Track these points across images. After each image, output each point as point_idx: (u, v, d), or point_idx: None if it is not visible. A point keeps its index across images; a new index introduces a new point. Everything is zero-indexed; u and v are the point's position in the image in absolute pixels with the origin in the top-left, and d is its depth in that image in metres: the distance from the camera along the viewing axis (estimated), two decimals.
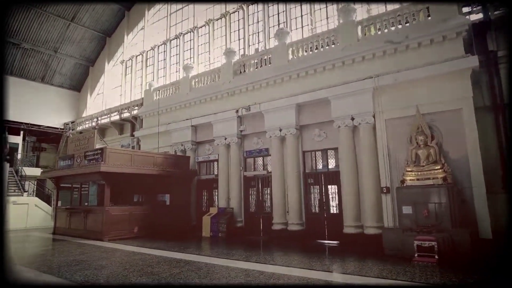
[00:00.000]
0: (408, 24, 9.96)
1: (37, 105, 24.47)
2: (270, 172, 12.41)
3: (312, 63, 11.36)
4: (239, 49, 16.74)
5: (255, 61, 13.64)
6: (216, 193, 14.16)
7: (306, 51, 12.09)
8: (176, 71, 20.21)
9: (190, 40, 19.73)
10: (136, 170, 12.37)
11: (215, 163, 14.58)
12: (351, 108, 10.33)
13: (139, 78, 22.86)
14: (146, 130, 17.08)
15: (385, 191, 9.54)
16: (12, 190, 18.32)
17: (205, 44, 18.91)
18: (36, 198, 19.08)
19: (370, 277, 6.04)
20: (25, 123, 22.99)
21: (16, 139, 21.93)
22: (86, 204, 13.01)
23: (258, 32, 16.43)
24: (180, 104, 15.56)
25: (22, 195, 18.65)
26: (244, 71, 13.84)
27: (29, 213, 17.94)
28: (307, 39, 12.26)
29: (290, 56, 12.31)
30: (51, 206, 18.93)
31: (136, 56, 23.32)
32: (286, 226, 11.37)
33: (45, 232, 15.01)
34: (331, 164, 11.42)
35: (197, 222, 13.79)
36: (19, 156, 21.94)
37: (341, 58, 10.77)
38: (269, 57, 13.08)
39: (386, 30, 10.31)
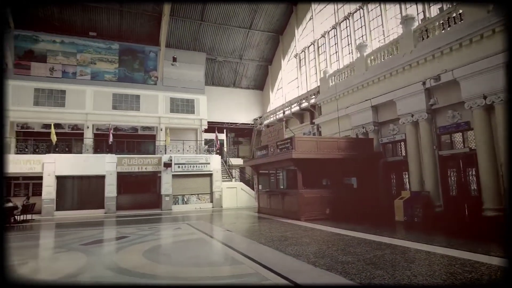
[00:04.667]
0: None
1: (232, 106, 29.52)
2: (474, 149, 10.61)
3: None
4: (418, 14, 14.92)
5: (440, 22, 11.87)
6: (406, 176, 13.30)
7: None
8: (349, 53, 19.94)
9: (360, 18, 19.02)
10: (323, 155, 13.05)
11: (402, 143, 13.64)
12: None
13: (313, 68, 23.86)
14: (324, 116, 17.70)
15: None
16: (224, 177, 22.77)
17: (377, 18, 17.82)
18: (241, 183, 23.06)
19: None
20: (226, 123, 28.21)
21: (221, 136, 27.01)
22: (282, 187, 14.73)
23: None
24: (357, 86, 15.32)
25: (231, 181, 22.89)
26: (428, 36, 12.27)
27: (237, 195, 21.93)
28: None
29: (491, 7, 10.06)
30: (252, 189, 22.46)
31: (308, 47, 24.39)
32: (502, 212, 9.50)
33: (251, 211, 17.91)
34: None
35: (386, 206, 13.34)
36: (225, 150, 27.01)
37: None
38: (459, 13, 11.11)
39: None
